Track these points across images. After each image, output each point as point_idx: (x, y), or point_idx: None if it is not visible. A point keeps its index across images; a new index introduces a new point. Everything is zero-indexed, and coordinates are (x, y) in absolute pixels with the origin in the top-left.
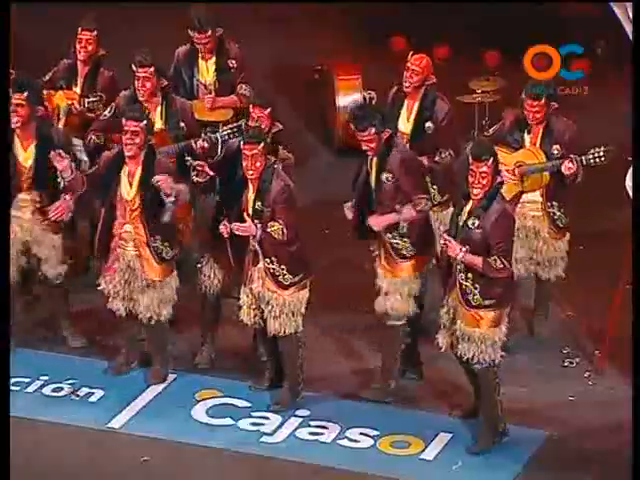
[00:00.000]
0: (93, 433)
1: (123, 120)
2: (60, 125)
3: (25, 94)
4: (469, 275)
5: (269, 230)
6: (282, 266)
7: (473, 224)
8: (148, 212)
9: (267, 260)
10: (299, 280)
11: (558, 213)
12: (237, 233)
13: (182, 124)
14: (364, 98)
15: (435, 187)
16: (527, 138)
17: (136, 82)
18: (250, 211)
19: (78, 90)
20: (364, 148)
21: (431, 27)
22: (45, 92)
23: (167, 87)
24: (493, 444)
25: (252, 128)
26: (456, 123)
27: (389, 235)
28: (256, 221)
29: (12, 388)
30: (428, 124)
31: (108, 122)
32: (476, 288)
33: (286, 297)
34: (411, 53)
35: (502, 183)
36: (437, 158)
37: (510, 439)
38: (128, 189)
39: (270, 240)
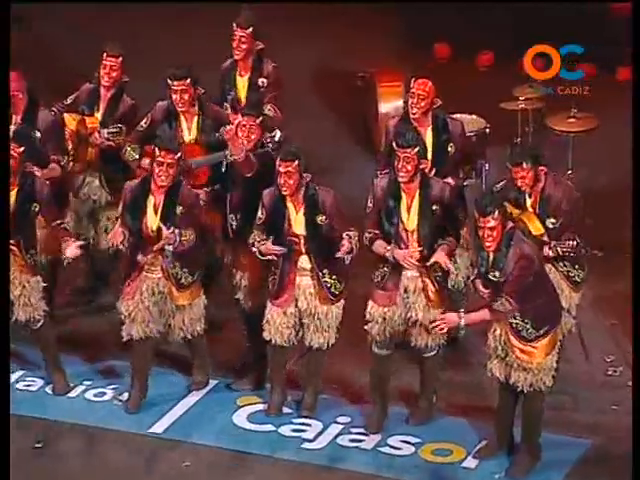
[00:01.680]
0: (135, 438)
1: (157, 149)
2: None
3: (21, 149)
4: (516, 313)
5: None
6: (333, 276)
7: (495, 276)
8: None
9: (321, 273)
10: (344, 289)
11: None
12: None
13: (217, 134)
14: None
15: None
16: (529, 201)
17: (173, 95)
18: (300, 229)
19: (99, 116)
20: (399, 167)
21: (475, 33)
22: (66, 115)
23: (203, 95)
24: (529, 472)
25: (288, 146)
26: (499, 131)
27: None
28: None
29: (48, 391)
30: (450, 147)
31: (144, 133)
32: (527, 323)
33: (333, 309)
34: (413, 79)
35: (514, 228)
36: (461, 175)
37: (553, 448)
38: (154, 219)
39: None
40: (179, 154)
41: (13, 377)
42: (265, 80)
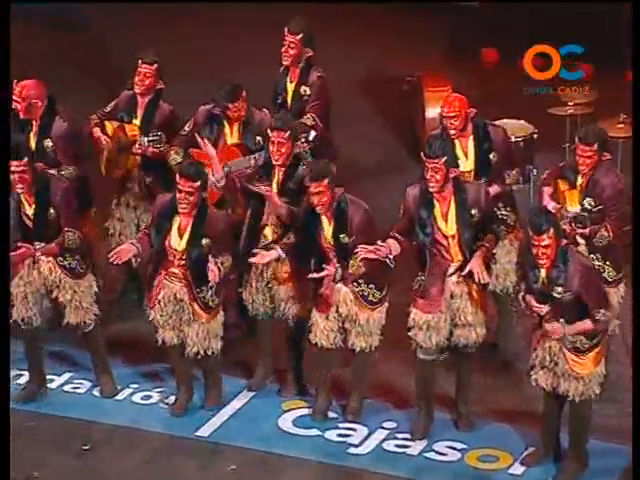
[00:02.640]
0: (181, 441)
1: (177, 176)
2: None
3: (25, 159)
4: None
5: (350, 271)
6: (370, 285)
7: (559, 293)
8: (194, 270)
9: (355, 283)
10: (385, 294)
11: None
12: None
13: (259, 138)
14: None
15: (508, 208)
16: (579, 181)
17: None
18: (331, 244)
19: (137, 122)
20: (428, 177)
21: (523, 38)
22: (106, 123)
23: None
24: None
25: (316, 165)
26: (548, 136)
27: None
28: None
29: (95, 394)
30: (492, 155)
31: (188, 137)
32: (580, 334)
33: (375, 314)
34: (442, 103)
35: (568, 245)
36: (508, 180)
37: (600, 456)
38: (178, 240)
39: (353, 277)
40: (199, 183)
41: (60, 379)
42: (307, 89)
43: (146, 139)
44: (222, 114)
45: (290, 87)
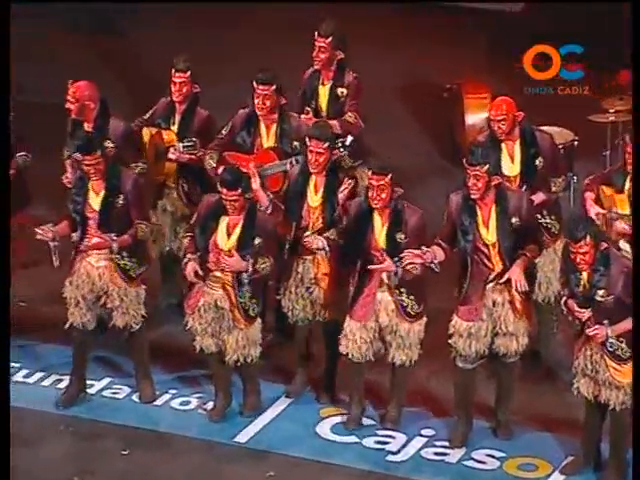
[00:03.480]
0: (219, 447)
1: (219, 184)
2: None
3: (98, 153)
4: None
5: (407, 267)
6: (410, 296)
7: (601, 296)
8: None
9: (397, 292)
10: (423, 310)
11: None
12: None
13: (296, 143)
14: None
15: (553, 217)
16: (627, 185)
17: (256, 99)
18: (383, 244)
19: (175, 128)
20: (470, 185)
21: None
22: (144, 129)
23: (285, 105)
24: None
25: (381, 159)
26: (587, 144)
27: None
28: (392, 257)
29: (134, 399)
30: (539, 161)
31: (224, 141)
32: (621, 342)
33: (415, 327)
34: (488, 107)
35: (608, 248)
36: (554, 188)
37: None
38: (225, 239)
39: (409, 274)
40: (240, 190)
41: (100, 384)
42: (345, 90)
43: (181, 145)
44: (251, 105)
45: (323, 90)
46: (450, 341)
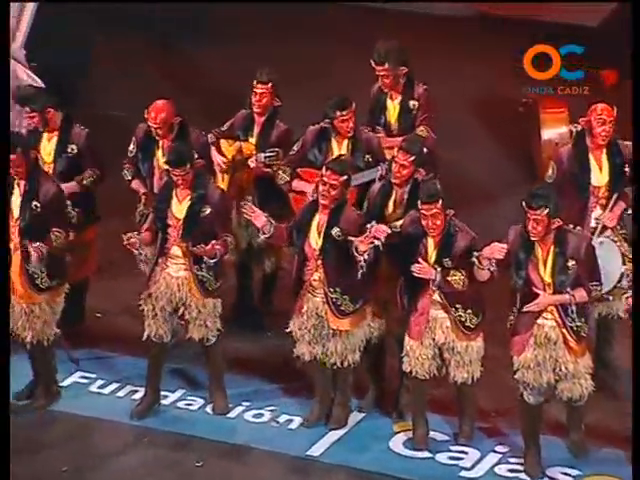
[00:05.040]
0: (292, 460)
1: (323, 169)
2: (224, 176)
3: (188, 166)
4: None
5: (450, 279)
6: (468, 310)
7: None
8: (330, 263)
9: (453, 308)
10: (482, 322)
11: None
12: (416, 274)
13: (367, 156)
14: (570, 132)
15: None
16: None
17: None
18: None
19: (253, 141)
20: (529, 227)
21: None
22: (222, 141)
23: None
24: None
25: (428, 186)
26: None
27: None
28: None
29: (208, 411)
30: (626, 170)
31: (296, 157)
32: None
33: (473, 344)
34: (599, 108)
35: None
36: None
37: None
38: (316, 238)
39: (451, 288)
40: (345, 177)
41: (174, 396)
42: (416, 103)
43: (263, 155)
44: (331, 126)
45: (392, 105)
46: (516, 377)
